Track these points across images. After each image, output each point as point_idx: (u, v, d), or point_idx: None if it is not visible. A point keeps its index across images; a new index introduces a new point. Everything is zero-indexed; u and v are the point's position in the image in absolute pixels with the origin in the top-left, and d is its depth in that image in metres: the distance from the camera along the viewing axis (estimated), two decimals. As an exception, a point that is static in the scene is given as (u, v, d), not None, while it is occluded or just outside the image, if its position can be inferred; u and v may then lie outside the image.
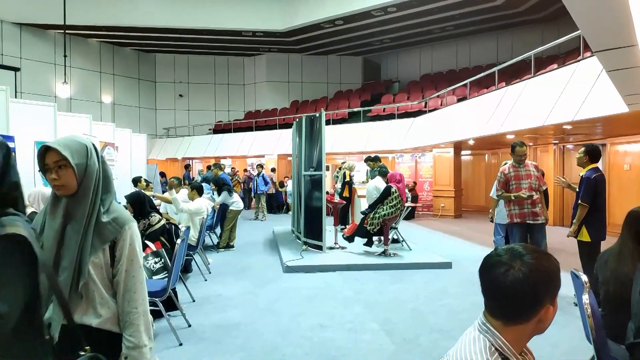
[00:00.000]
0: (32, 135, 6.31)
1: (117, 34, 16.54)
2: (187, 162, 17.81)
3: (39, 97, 14.25)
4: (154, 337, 3.81)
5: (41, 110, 6.89)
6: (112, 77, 18.17)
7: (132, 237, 1.55)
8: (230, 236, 8.02)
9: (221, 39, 17.36)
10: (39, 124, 6.64)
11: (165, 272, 4.29)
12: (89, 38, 17.07)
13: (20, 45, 15.02)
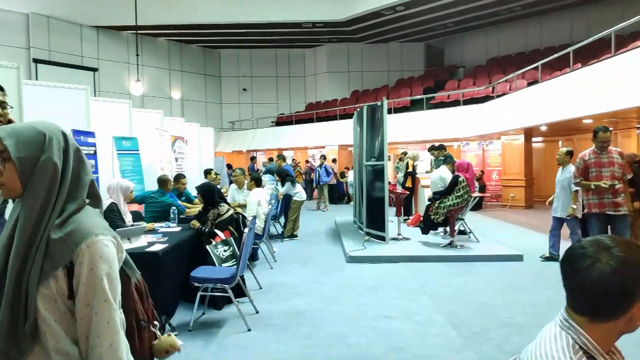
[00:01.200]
0: (111, 131, 6.75)
1: (184, 32, 17.23)
2: (253, 154, 18.30)
3: (115, 94, 15.21)
4: (224, 322, 3.99)
5: (118, 107, 7.35)
6: (181, 73, 19.00)
7: (92, 259, 1.10)
8: (294, 226, 8.17)
9: (282, 32, 17.58)
10: (116, 120, 7.09)
11: (234, 260, 4.44)
12: (158, 37, 17.92)
13: (98, 47, 16.07)
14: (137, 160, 7.11)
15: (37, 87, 5.89)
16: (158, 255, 3.66)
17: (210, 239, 4.55)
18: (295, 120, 18.50)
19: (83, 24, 15.47)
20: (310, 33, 17.95)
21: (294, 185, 8.18)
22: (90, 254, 1.11)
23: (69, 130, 5.55)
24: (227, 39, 18.52)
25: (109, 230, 1.19)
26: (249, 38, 18.49)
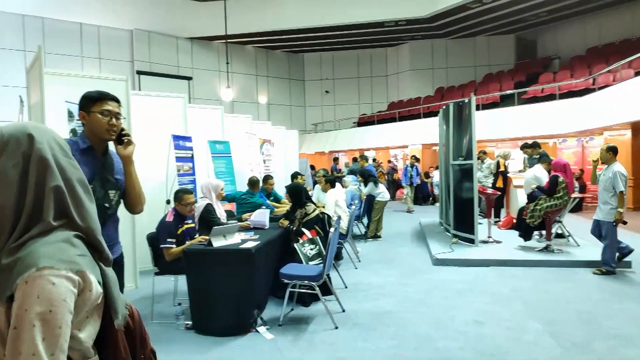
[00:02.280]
0: (206, 135, 7.21)
1: (269, 39, 17.90)
2: (335, 155, 18.52)
3: (207, 101, 16.20)
4: (312, 319, 4.10)
5: (211, 113, 7.83)
6: (267, 79, 19.76)
7: (25, 298, 0.90)
8: (377, 226, 8.15)
9: (364, 32, 17.60)
10: (210, 125, 7.56)
11: (320, 258, 4.54)
12: (246, 45, 18.79)
13: (192, 57, 17.21)
14: (229, 163, 7.52)
15: (142, 97, 6.47)
16: (251, 252, 3.85)
17: (297, 237, 4.70)
18: (377, 120, 18.42)
19: (179, 37, 16.66)
20: (393, 32, 17.77)
21: (376, 186, 8.16)
22: (24, 292, 0.90)
23: (169, 135, 6.04)
24: (310, 42, 18.92)
25: (70, 263, 0.96)
26: (332, 41, 18.74)
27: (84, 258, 1.02)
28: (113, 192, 2.19)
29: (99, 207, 2.10)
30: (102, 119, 2.14)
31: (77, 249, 1.02)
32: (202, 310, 3.93)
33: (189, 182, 6.27)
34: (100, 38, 14.66)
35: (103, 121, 2.14)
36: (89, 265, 1.03)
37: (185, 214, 4.38)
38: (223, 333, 3.81)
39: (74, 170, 1.08)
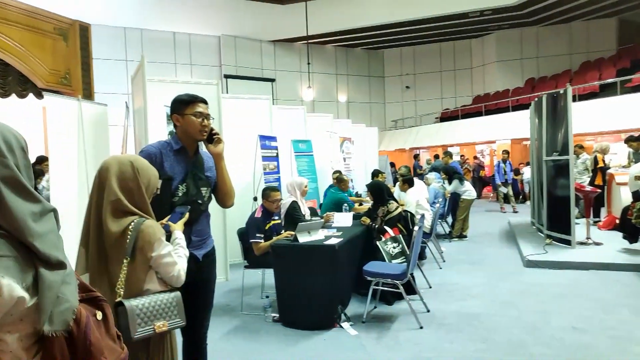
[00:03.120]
0: (289, 135, 7.42)
1: (349, 37, 17.95)
2: (416, 152, 18.15)
3: (289, 102, 16.63)
4: (396, 318, 4.07)
5: (294, 113, 8.05)
6: (346, 77, 19.85)
7: None
8: (463, 226, 7.86)
9: (447, 25, 17.02)
10: (293, 124, 7.78)
11: (403, 257, 4.49)
12: (326, 44, 19.01)
13: (275, 59, 17.77)
14: (311, 161, 7.69)
15: (231, 100, 6.81)
16: (334, 248, 3.91)
17: (380, 235, 4.69)
18: (461, 115, 17.74)
19: (262, 40, 17.28)
20: (478, 22, 16.99)
21: (462, 183, 7.87)
22: None
23: (256, 135, 6.31)
24: (390, 38, 18.69)
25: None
26: (412, 35, 18.36)
27: (2, 259, 0.99)
28: (205, 189, 2.32)
29: (193, 203, 2.26)
30: (195, 120, 2.26)
31: None
32: (289, 304, 4.06)
33: (274, 180, 6.50)
34: (192, 45, 15.63)
35: (196, 122, 2.26)
36: (10, 267, 1.00)
37: (272, 211, 4.56)
38: (308, 327, 3.91)
39: (4, 170, 1.02)
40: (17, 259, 1.02)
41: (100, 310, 1.22)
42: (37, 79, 11.02)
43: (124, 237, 1.65)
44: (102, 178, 1.72)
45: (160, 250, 1.71)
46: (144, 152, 2.26)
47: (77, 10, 11.66)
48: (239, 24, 15.50)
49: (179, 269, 1.78)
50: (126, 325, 1.59)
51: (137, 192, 1.73)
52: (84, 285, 1.22)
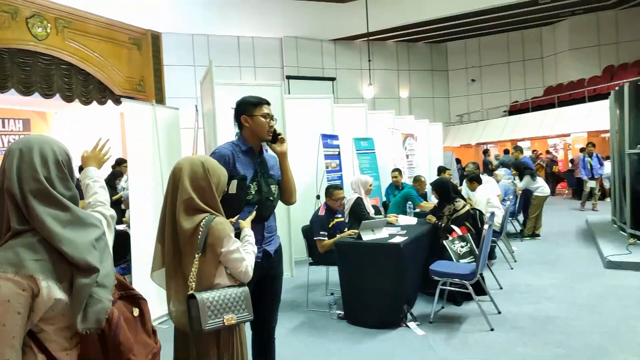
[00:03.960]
0: (351, 133, 7.42)
1: (410, 32, 17.61)
2: (485, 147, 17.46)
3: (349, 100, 16.59)
4: (464, 319, 3.95)
5: (355, 111, 8.03)
6: (408, 72, 19.49)
7: None
8: (535, 224, 7.46)
9: (514, 14, 16.20)
10: (354, 122, 7.76)
11: (472, 256, 4.34)
12: (387, 40, 18.77)
13: (335, 58, 17.81)
14: (373, 159, 7.63)
15: (293, 100, 6.91)
16: (399, 247, 3.86)
17: (446, 234, 4.56)
18: (531, 107, 16.82)
19: (323, 39, 17.38)
20: (548, 9, 16.01)
21: (534, 179, 7.47)
22: None
23: (318, 134, 6.37)
24: (454, 31, 18.10)
25: (19, 267, 1.08)
26: (477, 26, 17.66)
27: (39, 263, 1.10)
28: (274, 186, 2.39)
29: (266, 201, 2.33)
30: (263, 121, 2.34)
31: (35, 254, 1.11)
32: (354, 302, 4.07)
33: (336, 178, 6.53)
34: (255, 48, 16.04)
35: (264, 123, 2.34)
36: (48, 270, 1.11)
37: (335, 208, 4.58)
38: (374, 325, 3.89)
39: (32, 182, 1.15)
40: (55, 262, 1.13)
41: (138, 307, 1.32)
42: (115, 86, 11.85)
43: (196, 233, 1.74)
44: (176, 178, 1.82)
45: (229, 247, 1.78)
46: (217, 154, 2.34)
47: (149, 21, 12.39)
48: (299, 24, 15.69)
49: (247, 264, 1.84)
50: (197, 317, 1.67)
51: (208, 191, 1.81)
52: (123, 284, 1.32)
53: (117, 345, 1.17)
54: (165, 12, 12.19)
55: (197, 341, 1.77)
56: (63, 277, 1.12)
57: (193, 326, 1.68)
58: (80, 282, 1.12)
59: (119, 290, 1.28)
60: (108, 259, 1.26)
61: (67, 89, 10.47)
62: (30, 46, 9.65)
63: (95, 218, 1.28)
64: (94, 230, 1.23)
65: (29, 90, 9.69)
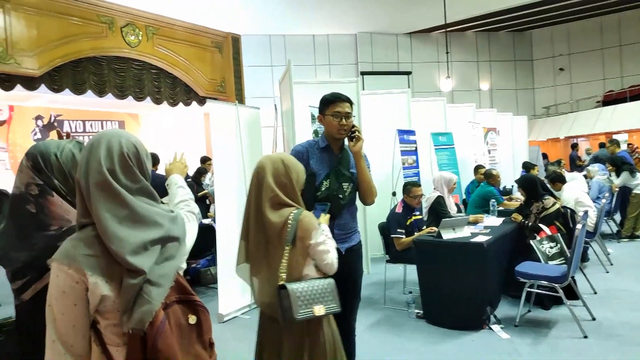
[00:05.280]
0: (428, 128, 7.23)
1: (491, 21, 16.79)
2: (574, 141, 16.25)
3: (426, 93, 16.18)
4: (554, 324, 3.71)
5: (433, 105, 7.81)
6: (489, 64, 18.61)
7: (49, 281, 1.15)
8: (635, 224, 6.81)
9: (610, -5, 14.89)
10: (432, 117, 7.56)
11: (562, 258, 4.07)
12: (466, 31, 18.05)
13: (411, 52, 17.46)
14: (452, 154, 7.39)
15: (369, 96, 6.88)
16: (483, 246, 3.71)
17: (534, 233, 4.31)
18: (629, 97, 15.36)
19: (398, 33, 17.11)
20: (651, -13, 14.53)
21: (633, 176, 6.83)
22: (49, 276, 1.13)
23: (394, 130, 6.29)
24: (539, 17, 16.99)
25: (73, 260, 1.10)
26: (566, 11, 16.43)
27: (90, 258, 1.11)
28: (346, 184, 2.39)
29: (334, 198, 2.34)
30: (333, 120, 2.36)
31: (88, 249, 1.12)
32: (433, 301, 3.98)
33: (413, 175, 6.41)
34: (330, 46, 16.18)
35: (334, 122, 2.36)
36: (97, 266, 1.11)
37: (413, 206, 4.51)
38: (454, 326, 3.78)
39: (96, 174, 1.15)
40: (108, 259, 1.12)
41: (196, 314, 1.24)
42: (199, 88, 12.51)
43: (285, 227, 1.81)
44: (260, 177, 1.89)
45: (317, 239, 1.83)
46: (293, 151, 2.46)
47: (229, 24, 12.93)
48: (374, 20, 15.56)
49: (332, 257, 1.87)
50: (289, 307, 1.71)
51: (290, 186, 1.89)
52: (183, 288, 1.25)
53: (155, 351, 1.10)
54: (244, 15, 12.66)
55: (288, 331, 1.82)
56: (113, 275, 1.12)
57: (285, 316, 1.73)
58: (127, 282, 1.10)
59: (177, 294, 1.22)
60: (172, 260, 1.20)
61: (156, 92, 11.24)
62: (124, 53, 10.47)
63: (162, 216, 1.22)
64: (153, 230, 1.17)
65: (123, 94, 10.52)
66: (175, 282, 1.20)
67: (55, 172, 1.43)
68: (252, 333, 1.92)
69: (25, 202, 1.41)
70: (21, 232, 1.40)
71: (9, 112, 10.76)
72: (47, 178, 1.42)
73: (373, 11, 14.96)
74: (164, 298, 1.15)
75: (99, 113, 12.26)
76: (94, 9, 9.84)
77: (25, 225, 1.40)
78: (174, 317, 1.18)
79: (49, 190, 1.41)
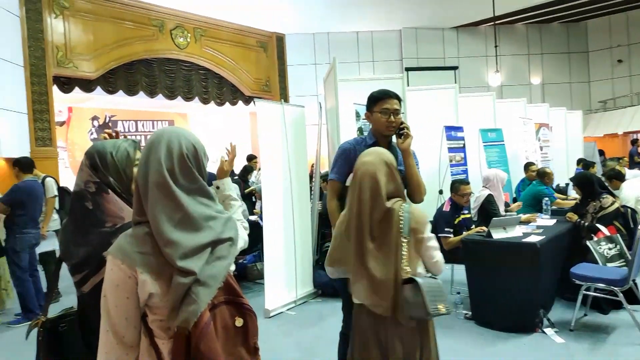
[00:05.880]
0: (476, 124, 7.03)
1: (543, 12, 16.09)
2: (634, 137, 15.34)
3: (473, 89, 15.72)
4: (612, 329, 3.52)
5: (481, 100, 7.60)
6: (540, 57, 17.84)
7: None
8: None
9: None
10: (480, 113, 7.35)
11: (622, 260, 3.86)
12: (516, 23, 17.41)
13: (458, 46, 17.02)
14: (502, 151, 7.16)
15: (414, 92, 6.76)
16: (535, 246, 3.58)
17: (590, 234, 4.11)
18: (698, 89, 14.32)
19: (444, 28, 16.73)
20: None
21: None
22: None
23: (441, 126, 6.16)
24: (596, 7, 16.12)
25: (126, 257, 1.13)
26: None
27: (142, 256, 1.13)
28: None
29: None
30: (381, 117, 2.34)
31: (141, 247, 1.14)
32: (483, 302, 3.87)
33: (461, 172, 6.26)
34: (373, 42, 16.05)
35: (382, 119, 2.34)
36: (148, 264, 1.13)
37: (461, 204, 4.40)
38: (505, 328, 3.67)
39: (156, 174, 1.15)
40: (158, 257, 1.13)
41: (243, 317, 1.22)
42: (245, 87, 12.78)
43: (397, 219, 1.73)
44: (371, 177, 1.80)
45: (427, 233, 1.77)
46: (341, 149, 2.48)
47: (273, 23, 13.11)
48: (419, 14, 15.29)
49: (440, 255, 1.81)
50: (421, 302, 1.61)
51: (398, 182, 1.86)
52: (232, 289, 1.23)
53: (197, 352, 1.10)
54: (289, 14, 12.78)
55: (399, 330, 1.72)
56: (162, 273, 1.13)
57: (414, 312, 1.63)
58: (177, 281, 1.11)
59: (226, 295, 1.21)
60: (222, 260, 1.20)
61: (204, 92, 11.59)
62: (174, 55, 10.85)
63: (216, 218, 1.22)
64: (206, 232, 1.18)
65: (173, 94, 10.91)
66: (224, 283, 1.19)
67: (110, 170, 1.47)
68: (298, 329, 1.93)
69: (83, 199, 1.46)
70: (79, 228, 1.46)
71: (68, 114, 11.39)
72: (103, 176, 1.47)
73: (418, 6, 14.71)
74: (212, 298, 1.15)
75: (149, 113, 12.76)
76: (146, 13, 10.26)
77: (83, 221, 1.46)
78: (221, 318, 1.18)
79: (105, 188, 1.46)
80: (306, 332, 3.85)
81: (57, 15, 8.75)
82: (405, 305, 1.64)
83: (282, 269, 4.60)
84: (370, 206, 1.76)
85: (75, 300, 1.55)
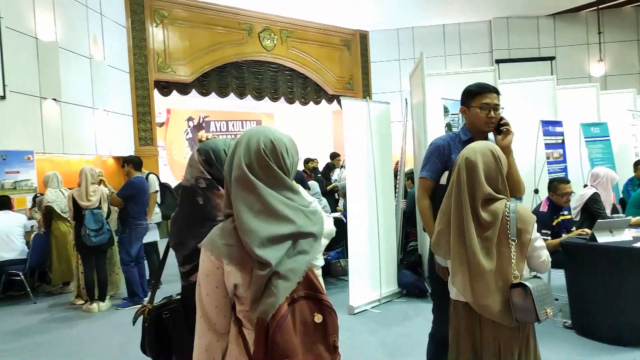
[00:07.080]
0: (577, 118, 6.49)
1: (658, -9, 14.43)
2: None
3: (572, 80, 14.52)
4: None
5: (583, 92, 7.00)
6: (652, 42, 16.05)
7: None
8: None
9: None
10: (581, 106, 6.77)
11: None
12: (623, 7, 15.78)
13: (555, 35, 15.82)
14: (607, 147, 6.54)
15: (508, 85, 6.39)
16: (650, 252, 3.22)
17: None
18: None
19: (539, 16, 15.63)
20: None
21: None
22: None
23: (536, 121, 5.77)
24: None
25: (215, 248, 1.19)
26: None
27: (228, 248, 1.17)
28: None
29: None
30: (480, 112, 2.24)
31: (227, 239, 1.19)
32: (585, 311, 3.57)
33: (559, 170, 5.82)
34: (461, 35, 15.44)
35: (481, 115, 2.24)
36: (232, 255, 1.17)
37: (560, 205, 4.09)
38: (611, 340, 3.36)
39: (236, 169, 1.21)
40: (242, 250, 1.16)
41: (322, 314, 1.20)
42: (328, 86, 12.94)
43: (503, 221, 1.69)
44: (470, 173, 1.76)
45: (534, 233, 1.72)
46: (433, 145, 2.41)
47: (357, 21, 13.11)
48: (511, 3, 14.44)
49: (547, 253, 1.75)
50: (531, 308, 1.59)
51: (501, 179, 1.79)
52: (313, 285, 1.21)
53: (274, 343, 1.11)
54: (372, 11, 12.70)
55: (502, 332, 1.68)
56: (246, 265, 1.16)
57: (525, 316, 1.61)
58: (256, 273, 1.13)
59: (305, 289, 1.20)
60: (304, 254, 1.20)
61: (289, 92, 11.92)
62: (262, 57, 11.27)
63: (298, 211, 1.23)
64: (286, 225, 1.19)
65: (260, 95, 11.35)
66: (305, 278, 1.19)
67: (223, 166, 1.55)
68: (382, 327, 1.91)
69: (194, 194, 1.56)
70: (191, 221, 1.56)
71: (166, 115, 12.32)
72: (217, 172, 1.56)
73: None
74: (291, 292, 1.15)
75: (239, 114, 13.39)
76: (236, 18, 10.78)
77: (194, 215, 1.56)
78: (300, 313, 1.17)
79: (216, 184, 1.56)
80: (391, 332, 3.81)
81: (158, 24, 9.48)
82: (514, 310, 1.60)
83: (366, 267, 4.59)
84: (471, 193, 1.72)
85: (174, 288, 1.68)
